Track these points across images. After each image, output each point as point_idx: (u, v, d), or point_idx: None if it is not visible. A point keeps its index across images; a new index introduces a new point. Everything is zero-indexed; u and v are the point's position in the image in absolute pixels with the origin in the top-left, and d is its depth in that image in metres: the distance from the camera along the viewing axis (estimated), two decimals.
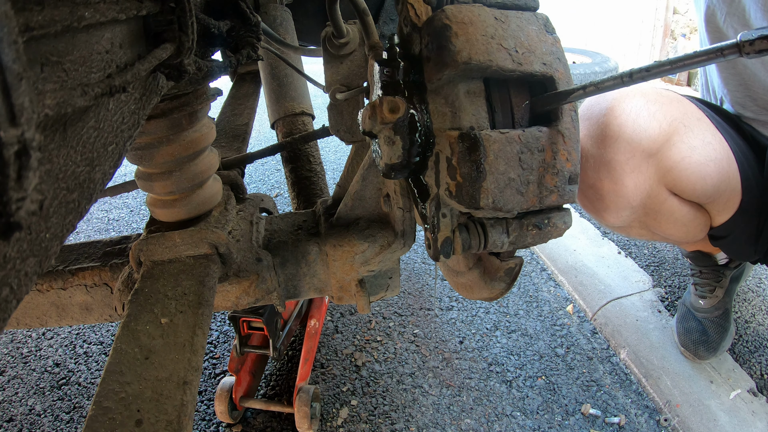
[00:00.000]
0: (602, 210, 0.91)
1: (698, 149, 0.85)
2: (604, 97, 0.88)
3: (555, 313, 1.53)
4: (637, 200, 0.87)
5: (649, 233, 1.00)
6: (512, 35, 0.50)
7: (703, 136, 0.87)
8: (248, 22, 0.63)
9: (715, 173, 0.86)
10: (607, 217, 0.91)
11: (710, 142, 0.87)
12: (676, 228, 0.95)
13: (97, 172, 0.33)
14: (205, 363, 1.38)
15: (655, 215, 0.91)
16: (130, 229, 2.13)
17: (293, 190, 1.14)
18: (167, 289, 0.59)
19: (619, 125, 0.84)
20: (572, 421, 1.19)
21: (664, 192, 0.88)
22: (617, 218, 0.90)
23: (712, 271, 1.31)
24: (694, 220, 0.94)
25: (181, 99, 0.64)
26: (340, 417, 1.22)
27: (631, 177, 0.84)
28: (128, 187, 1.04)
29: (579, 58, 3.25)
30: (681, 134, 0.85)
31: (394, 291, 0.86)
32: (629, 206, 0.88)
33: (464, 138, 0.48)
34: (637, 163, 0.84)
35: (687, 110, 0.90)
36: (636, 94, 0.87)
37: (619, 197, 0.87)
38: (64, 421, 1.25)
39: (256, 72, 1.46)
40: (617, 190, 0.86)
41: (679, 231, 0.96)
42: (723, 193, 0.90)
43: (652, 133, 0.83)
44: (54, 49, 0.28)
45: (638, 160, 0.84)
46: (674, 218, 0.92)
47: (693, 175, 0.85)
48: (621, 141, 0.84)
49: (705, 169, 0.85)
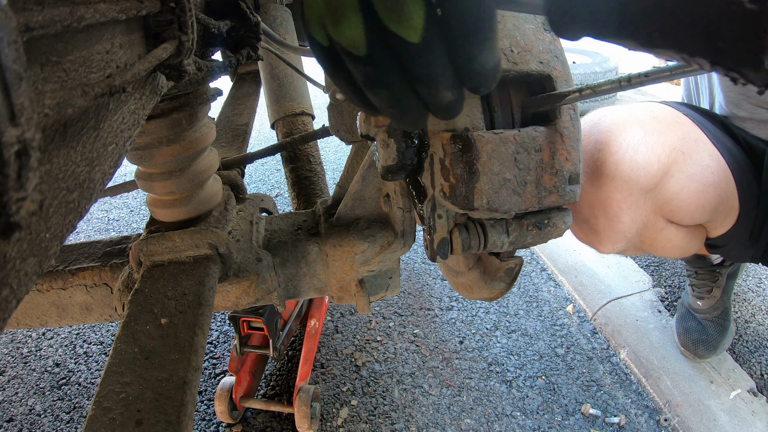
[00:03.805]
0: (597, 243, 0.89)
1: (696, 177, 0.82)
2: (599, 126, 0.84)
3: (555, 313, 1.53)
4: (632, 232, 0.85)
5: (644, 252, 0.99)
6: (508, 35, 0.50)
7: (701, 159, 0.84)
8: (248, 22, 0.63)
9: (714, 197, 0.84)
10: (602, 249, 0.89)
11: (708, 165, 0.84)
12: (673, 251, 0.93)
13: (97, 172, 0.33)
14: (205, 363, 1.38)
15: (652, 242, 0.90)
16: (130, 229, 2.13)
17: (293, 190, 1.14)
18: (167, 290, 0.59)
19: (615, 162, 0.79)
20: (572, 421, 1.19)
21: (661, 221, 0.86)
22: (612, 249, 0.88)
23: (708, 271, 1.31)
24: (691, 242, 0.93)
25: (181, 99, 0.64)
26: (340, 417, 1.22)
27: (628, 214, 0.82)
28: (128, 187, 1.04)
29: (579, 58, 3.25)
30: (679, 164, 0.82)
31: (394, 291, 0.86)
32: (625, 239, 0.85)
33: (456, 139, 0.48)
34: (635, 200, 0.81)
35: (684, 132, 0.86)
36: (633, 125, 0.82)
37: (615, 233, 0.84)
38: (64, 421, 1.25)
39: (256, 72, 1.46)
40: (613, 226, 0.83)
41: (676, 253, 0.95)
42: (721, 213, 0.89)
43: (651, 170, 0.79)
44: (54, 49, 0.28)
45: (636, 197, 0.81)
46: (671, 244, 0.91)
47: (692, 204, 0.83)
48: (618, 180, 0.79)
49: (704, 196, 0.83)
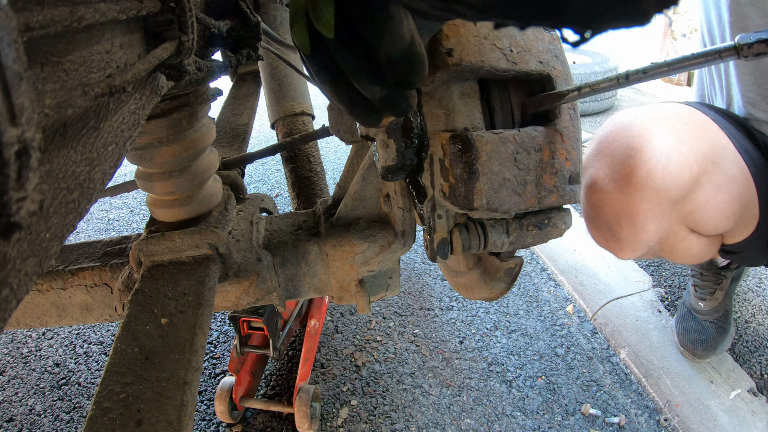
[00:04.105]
0: (617, 250, 0.87)
1: (724, 188, 0.82)
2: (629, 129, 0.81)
3: (555, 313, 1.53)
4: (655, 240, 0.84)
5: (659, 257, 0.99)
6: (507, 34, 0.50)
7: (729, 170, 0.83)
8: (248, 22, 0.63)
9: (738, 208, 0.84)
10: (622, 255, 0.88)
11: (735, 175, 0.83)
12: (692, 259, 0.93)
13: (97, 172, 0.33)
14: (205, 363, 1.38)
15: (672, 250, 0.90)
16: (130, 229, 2.13)
17: (293, 190, 1.14)
18: (167, 290, 0.59)
19: (647, 171, 0.77)
20: (572, 421, 1.19)
21: (684, 231, 0.86)
22: (632, 256, 0.88)
23: (712, 273, 1.31)
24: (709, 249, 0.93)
25: (181, 99, 0.64)
26: (340, 417, 1.22)
27: (653, 223, 0.81)
28: (128, 187, 1.04)
29: (579, 57, 3.25)
30: (709, 174, 0.81)
31: (394, 291, 0.86)
32: (646, 247, 0.85)
33: (456, 139, 0.48)
34: (662, 210, 0.80)
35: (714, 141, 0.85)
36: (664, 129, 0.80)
37: (638, 241, 0.83)
38: (64, 421, 1.25)
39: (256, 72, 1.46)
40: (637, 235, 0.82)
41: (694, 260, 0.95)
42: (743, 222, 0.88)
43: (682, 180, 0.78)
44: (54, 49, 0.28)
45: (664, 207, 0.80)
46: (691, 252, 0.91)
47: (717, 215, 0.83)
48: (648, 190, 0.78)
49: (729, 207, 0.83)
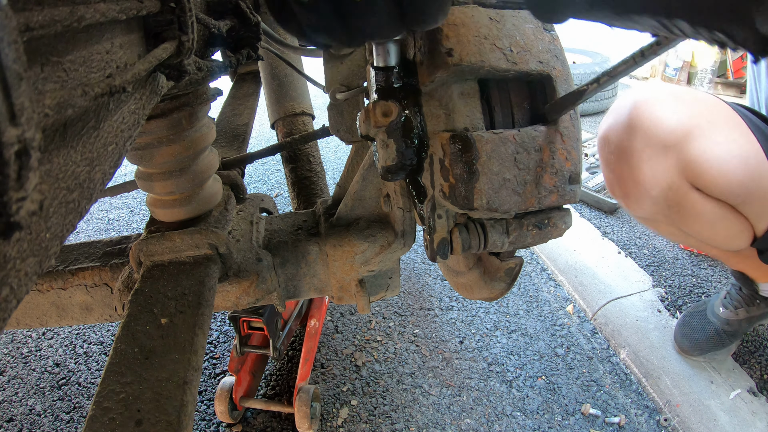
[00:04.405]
0: (623, 197, 0.96)
1: (721, 144, 0.86)
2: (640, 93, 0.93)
3: (555, 313, 1.53)
4: (656, 190, 0.90)
5: (680, 233, 0.99)
6: (507, 34, 0.50)
7: (729, 133, 0.87)
8: (248, 22, 0.63)
9: (741, 170, 0.85)
10: (630, 204, 0.95)
11: (736, 139, 0.87)
12: (704, 227, 0.93)
13: (97, 172, 0.33)
14: (205, 363, 1.38)
15: (678, 208, 0.91)
16: (130, 229, 2.13)
17: (293, 190, 1.14)
18: (167, 290, 0.59)
19: (637, 116, 0.89)
20: (572, 421, 1.19)
21: (685, 185, 0.89)
22: (639, 207, 0.94)
23: (749, 294, 1.26)
24: (723, 220, 0.92)
25: (181, 99, 0.64)
26: (340, 417, 1.22)
27: (648, 165, 0.88)
28: (128, 187, 1.04)
29: (579, 57, 3.25)
30: (703, 129, 0.87)
31: (394, 291, 0.86)
32: (648, 196, 0.91)
33: (456, 139, 0.48)
34: (653, 152, 0.88)
35: (717, 110, 0.90)
36: (667, 93, 0.91)
37: (637, 185, 0.91)
38: (64, 421, 1.25)
39: (256, 72, 1.46)
40: (634, 177, 0.90)
41: (708, 231, 0.94)
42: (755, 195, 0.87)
43: (669, 124, 0.87)
44: (54, 49, 0.28)
45: (654, 149, 0.88)
46: (698, 214, 0.91)
47: (713, 168, 0.85)
48: (638, 130, 0.89)
49: (728, 164, 0.85)
